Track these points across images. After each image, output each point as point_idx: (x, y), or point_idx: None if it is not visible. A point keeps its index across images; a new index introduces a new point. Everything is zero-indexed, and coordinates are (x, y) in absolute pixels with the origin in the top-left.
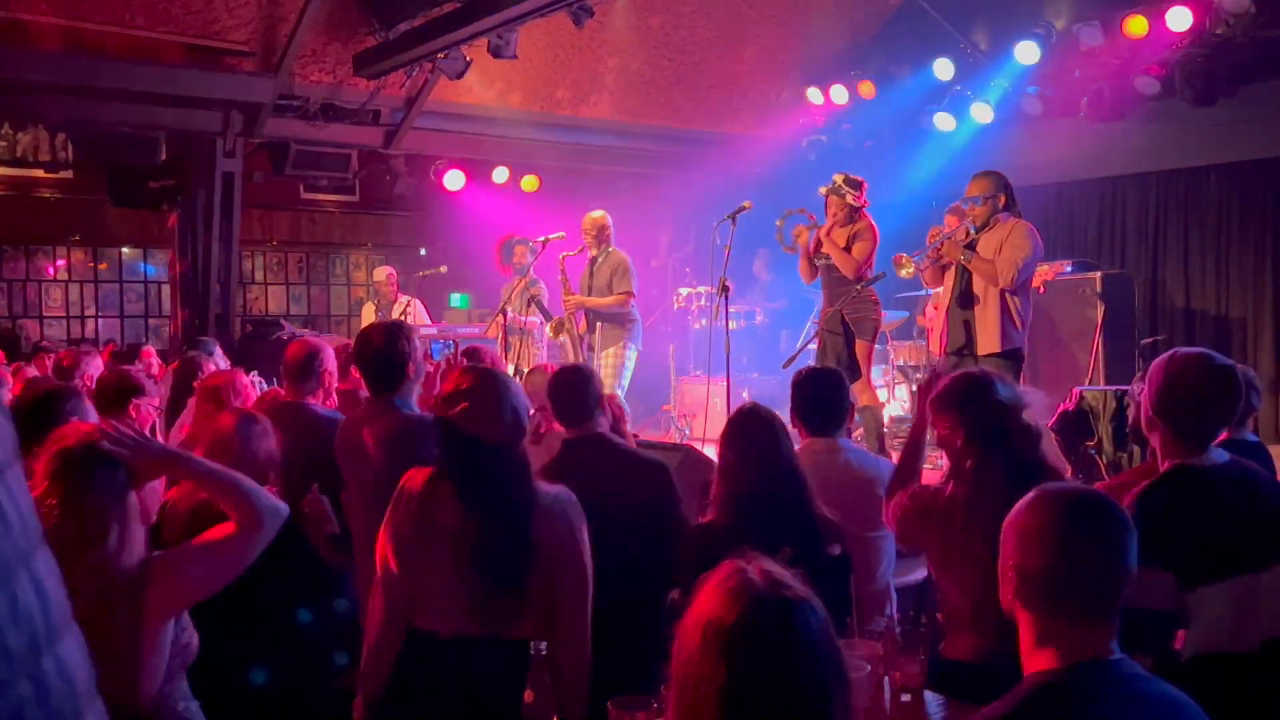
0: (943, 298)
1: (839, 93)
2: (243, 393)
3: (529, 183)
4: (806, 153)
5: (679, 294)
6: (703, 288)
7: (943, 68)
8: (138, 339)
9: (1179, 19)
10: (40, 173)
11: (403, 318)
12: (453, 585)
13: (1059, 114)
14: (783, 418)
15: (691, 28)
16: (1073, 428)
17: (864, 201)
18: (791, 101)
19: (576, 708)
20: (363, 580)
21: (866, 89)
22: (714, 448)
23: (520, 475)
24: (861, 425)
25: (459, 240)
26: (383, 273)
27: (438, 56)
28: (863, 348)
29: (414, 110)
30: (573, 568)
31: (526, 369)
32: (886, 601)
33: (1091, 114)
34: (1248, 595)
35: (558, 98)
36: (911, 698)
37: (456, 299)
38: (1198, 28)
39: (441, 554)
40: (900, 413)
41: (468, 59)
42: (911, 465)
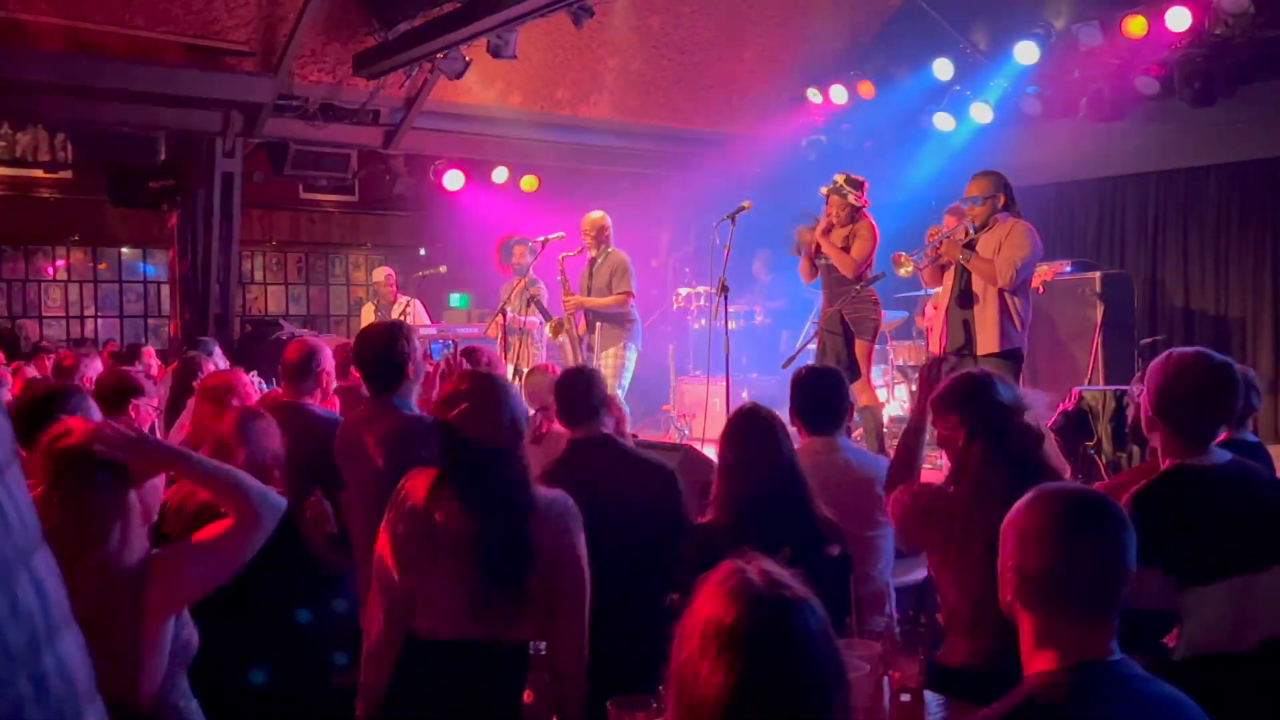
0: (942, 297)
1: (838, 93)
2: (242, 392)
3: (528, 183)
4: (806, 153)
5: (678, 294)
6: (702, 288)
7: (942, 68)
8: (137, 339)
9: (1178, 19)
10: (40, 173)
11: (402, 318)
12: (451, 587)
13: (1058, 114)
14: (782, 417)
15: (691, 28)
16: (1072, 428)
17: (865, 201)
18: (791, 101)
19: (575, 708)
20: (362, 581)
21: (866, 89)
22: (713, 448)
23: (518, 479)
24: (861, 425)
25: (458, 240)
26: (381, 273)
27: (437, 56)
28: (862, 348)
29: (413, 110)
30: (570, 571)
31: (526, 369)
32: (886, 601)
33: (1091, 114)
34: (1246, 595)
35: (557, 98)
36: (911, 698)
37: (456, 299)
38: (1197, 28)
39: (440, 556)
40: (900, 413)
41: (467, 59)
42: (910, 457)
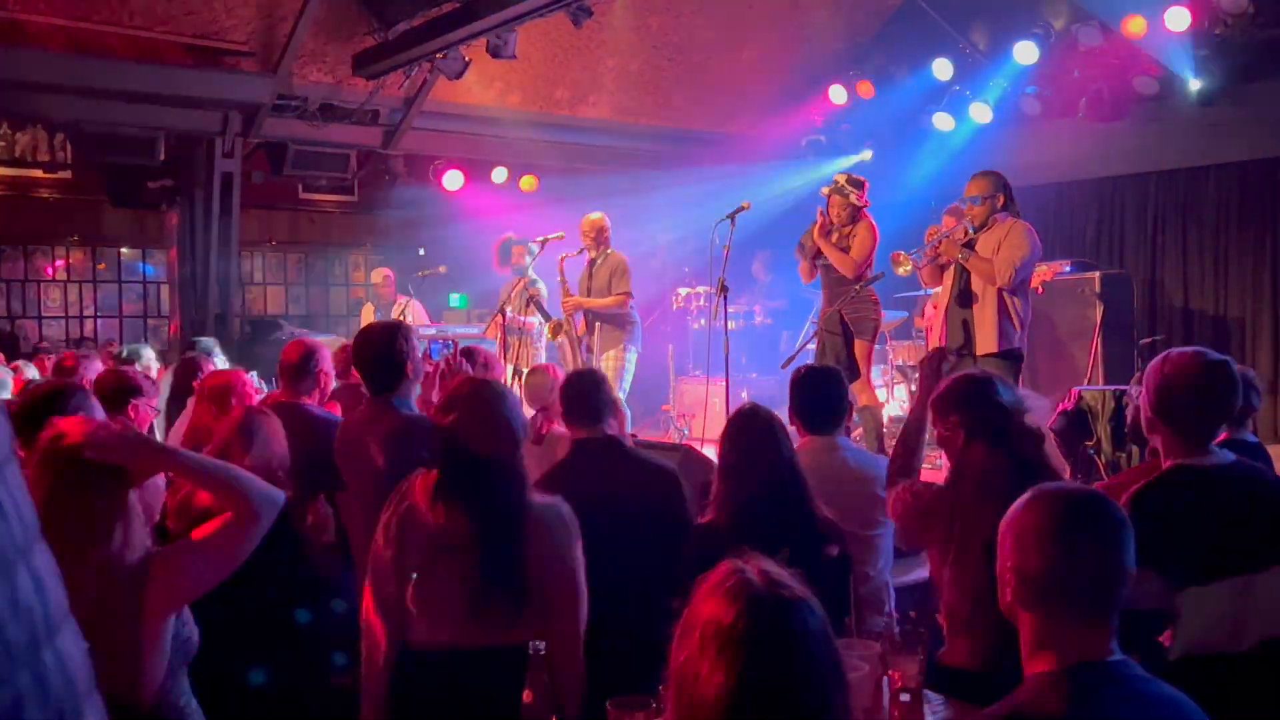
0: (941, 297)
1: (838, 93)
2: (243, 393)
3: (527, 183)
4: (805, 152)
5: (678, 294)
6: (702, 288)
7: (942, 68)
8: (137, 339)
9: (1177, 19)
10: (39, 173)
11: (401, 318)
12: (446, 591)
13: (1058, 114)
14: (782, 418)
15: (690, 28)
16: (1072, 428)
17: (866, 201)
18: (790, 101)
19: (574, 708)
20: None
21: (865, 89)
22: (713, 448)
23: (512, 486)
24: (860, 425)
25: (458, 240)
26: (380, 274)
27: (436, 56)
28: (862, 348)
29: (413, 110)
30: (564, 578)
31: (526, 369)
32: (885, 600)
33: (1090, 114)
34: (1246, 596)
35: (556, 98)
36: (911, 698)
37: (455, 299)
38: (1196, 28)
39: (435, 560)
40: (899, 412)
41: (466, 59)
42: (909, 453)
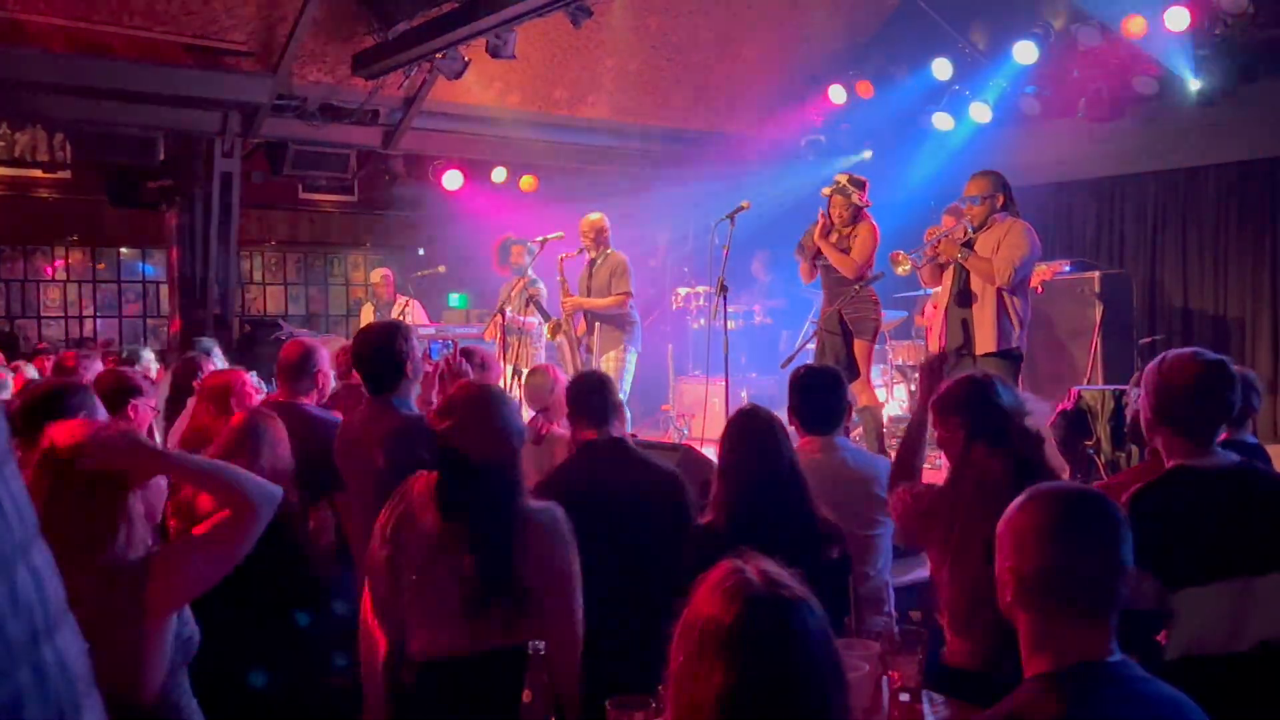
0: (941, 297)
1: (837, 92)
2: (243, 393)
3: (527, 183)
4: (805, 153)
5: (677, 294)
6: (701, 287)
7: (941, 68)
8: (136, 339)
9: (1177, 19)
10: (38, 173)
11: (401, 318)
12: (441, 595)
13: (1057, 114)
14: (782, 418)
15: (690, 28)
16: (1071, 427)
17: (868, 201)
18: (790, 101)
19: (573, 708)
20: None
21: (865, 89)
22: (713, 448)
23: (508, 492)
24: (860, 425)
25: (457, 240)
26: (378, 274)
27: (436, 56)
28: (862, 348)
29: (412, 110)
30: (558, 582)
31: (525, 369)
32: (884, 600)
33: (1089, 114)
34: (1245, 597)
35: (556, 98)
36: (910, 697)
37: (455, 299)
38: (1196, 28)
39: (429, 563)
40: (899, 412)
41: (466, 59)
42: (912, 456)
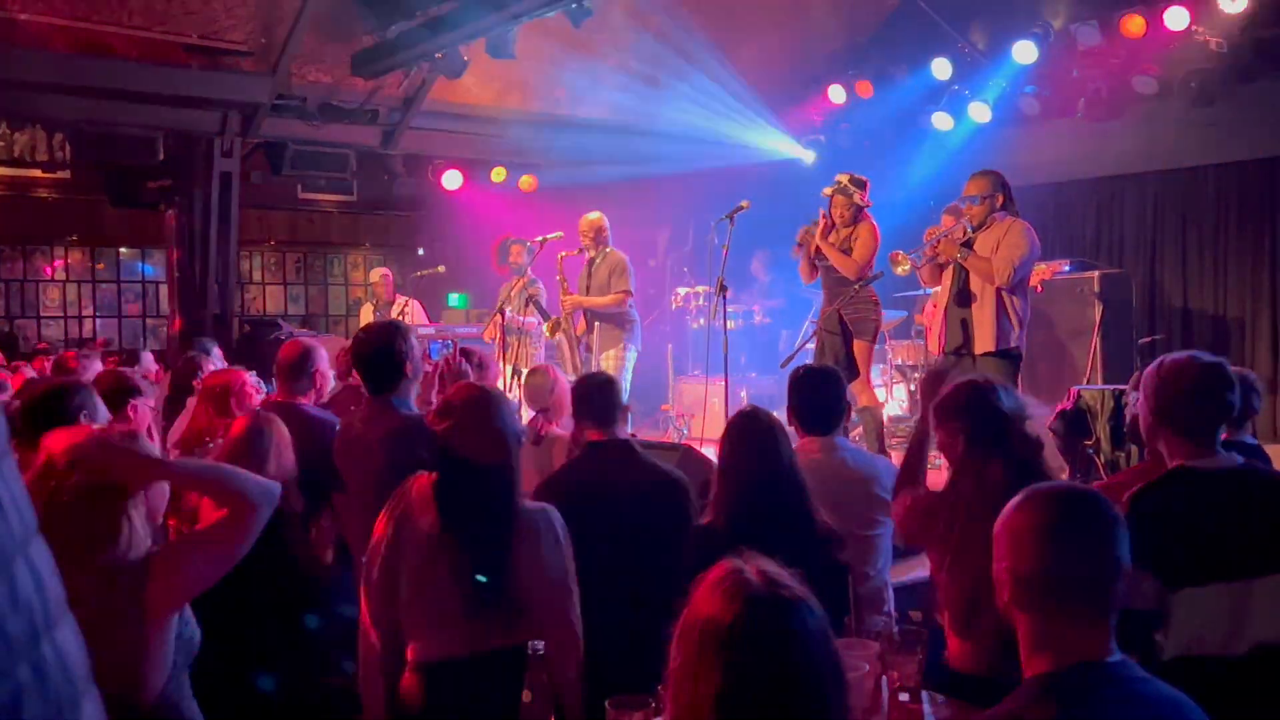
0: (940, 296)
1: (837, 92)
2: (242, 393)
3: (526, 182)
4: (804, 152)
5: (677, 293)
6: (701, 287)
7: (940, 67)
8: (136, 339)
9: (1176, 19)
10: (38, 173)
11: (400, 318)
12: (439, 595)
13: (1057, 114)
14: (782, 418)
15: (689, 27)
16: (1071, 427)
17: (868, 201)
18: (789, 101)
19: (573, 708)
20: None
21: (864, 89)
22: (713, 448)
23: (504, 494)
24: (860, 425)
25: (457, 240)
26: (378, 274)
27: (436, 56)
28: (862, 348)
29: (412, 110)
30: (554, 583)
31: (525, 369)
32: (884, 600)
33: (1089, 114)
34: (1244, 599)
35: (556, 97)
36: (910, 697)
37: (454, 299)
38: (1196, 27)
39: (427, 563)
40: (899, 412)
41: (465, 59)
42: (916, 464)
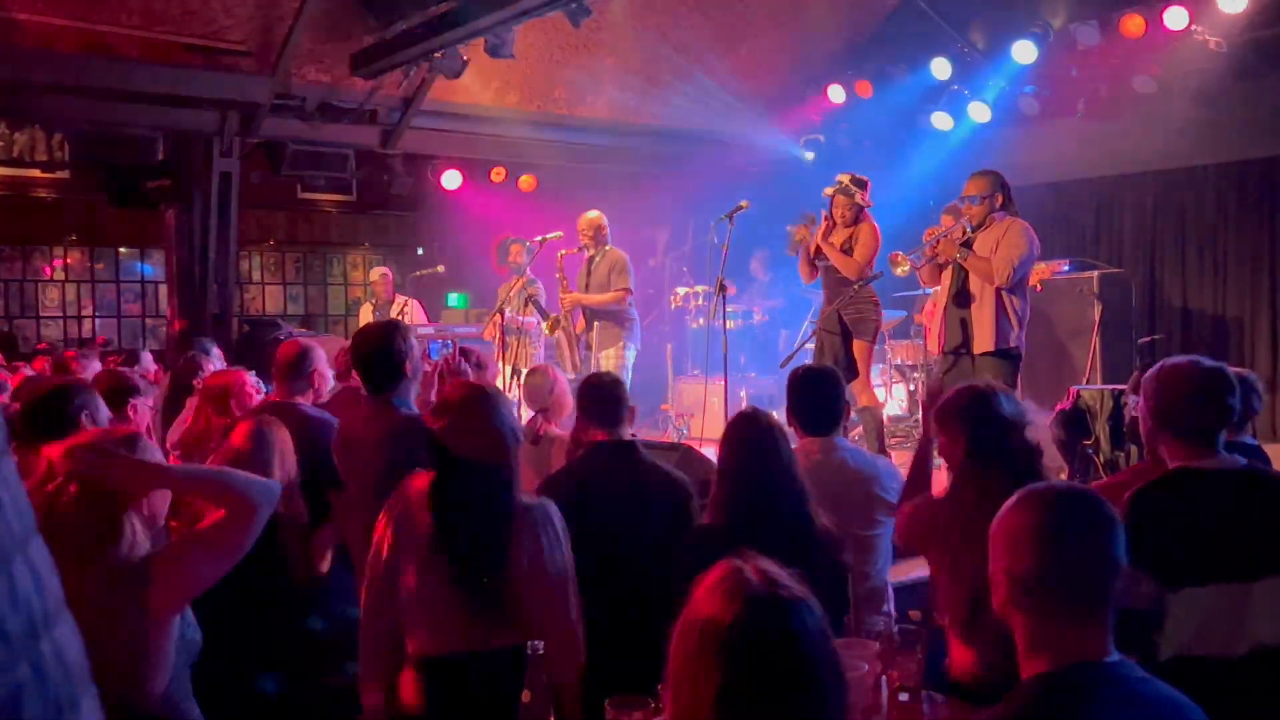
0: (940, 296)
1: (836, 92)
2: (242, 394)
3: (526, 182)
4: (804, 152)
5: (676, 293)
6: (700, 287)
7: (940, 67)
8: (135, 339)
9: (1176, 19)
10: (37, 172)
11: (400, 318)
12: (438, 593)
13: (1056, 113)
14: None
15: (689, 27)
16: (1070, 427)
17: (869, 201)
18: (789, 101)
19: (571, 707)
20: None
21: (864, 88)
22: (712, 448)
23: (502, 491)
24: (860, 425)
25: (456, 240)
26: (377, 273)
27: (435, 56)
28: (862, 348)
29: (411, 110)
30: (551, 579)
31: (525, 369)
32: (883, 599)
33: (1089, 113)
34: (1242, 601)
35: (555, 97)
36: (910, 697)
37: (454, 299)
38: (1195, 27)
39: (427, 561)
40: (898, 411)
41: (465, 58)
42: (920, 477)
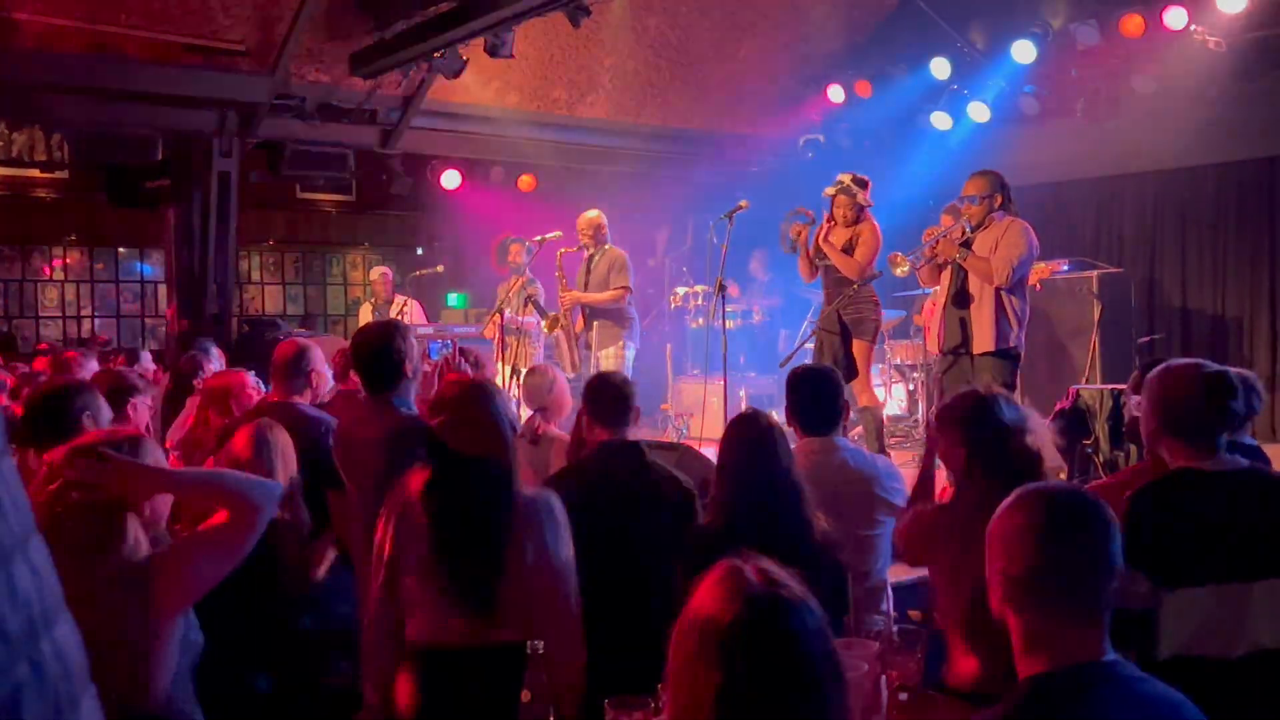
0: (939, 296)
1: (836, 92)
2: (243, 395)
3: (525, 182)
4: (803, 152)
5: (676, 293)
6: (700, 287)
7: (939, 67)
8: (134, 339)
9: (1176, 18)
10: (36, 173)
11: (399, 318)
12: (440, 588)
13: (1056, 113)
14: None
15: (689, 27)
16: (1069, 426)
17: (870, 201)
18: (788, 101)
19: (570, 705)
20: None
21: (863, 88)
22: (711, 447)
23: (502, 485)
24: (860, 425)
25: (456, 240)
26: (377, 272)
27: (434, 56)
28: (862, 348)
29: (411, 110)
30: (555, 569)
31: (524, 369)
32: (883, 600)
33: (1088, 113)
34: (1241, 602)
35: (554, 97)
36: (910, 697)
37: (453, 299)
38: (1195, 27)
39: (428, 556)
40: (898, 411)
41: (464, 58)
42: (925, 491)
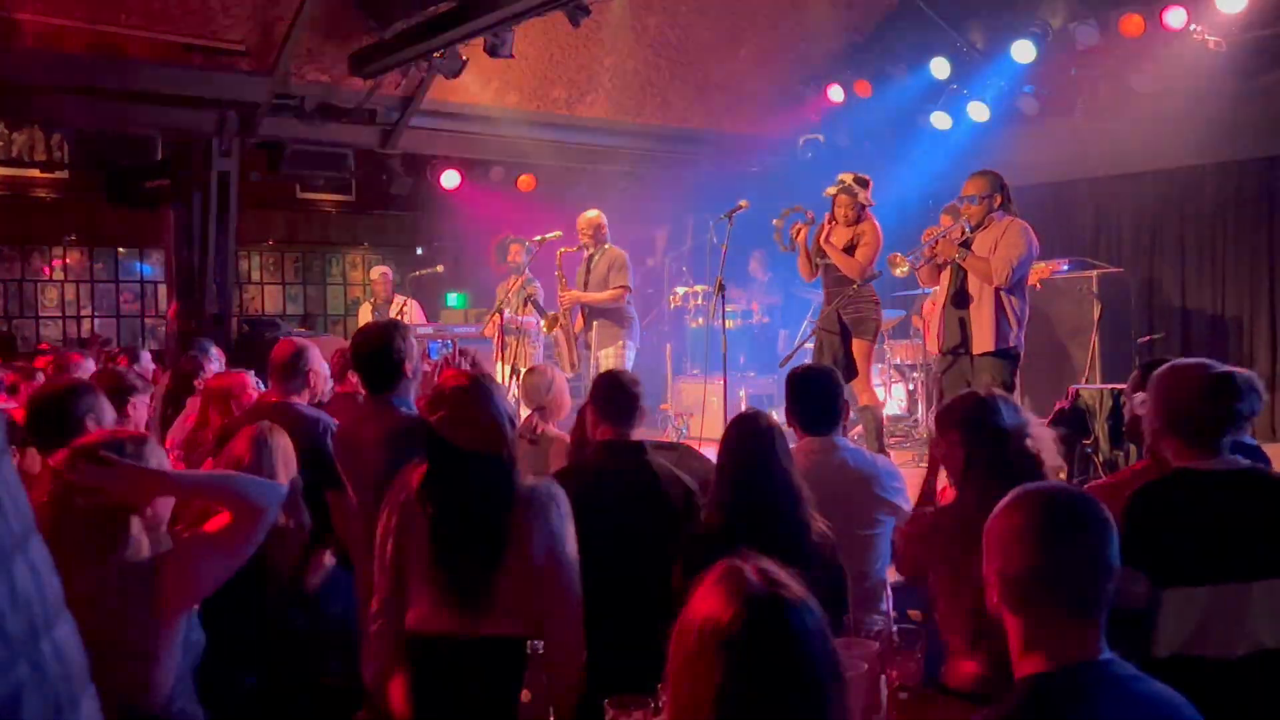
0: (939, 296)
1: (836, 92)
2: (243, 396)
3: (525, 182)
4: (803, 152)
5: (675, 293)
6: (699, 286)
7: (939, 67)
8: (134, 339)
9: (1175, 18)
10: (36, 172)
11: (399, 317)
12: (432, 580)
13: (1055, 113)
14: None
15: (688, 27)
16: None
17: (872, 200)
18: (788, 100)
19: (569, 705)
20: (362, 583)
21: (863, 88)
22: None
23: (501, 478)
24: (860, 424)
25: (455, 239)
26: (377, 272)
27: (434, 55)
28: (862, 347)
29: (410, 109)
30: (557, 559)
31: (523, 368)
32: (881, 598)
33: (1088, 113)
34: (1240, 602)
35: (554, 97)
36: (909, 696)
37: (453, 298)
38: (1194, 27)
39: (429, 550)
40: (897, 411)
41: (464, 58)
42: (927, 499)
